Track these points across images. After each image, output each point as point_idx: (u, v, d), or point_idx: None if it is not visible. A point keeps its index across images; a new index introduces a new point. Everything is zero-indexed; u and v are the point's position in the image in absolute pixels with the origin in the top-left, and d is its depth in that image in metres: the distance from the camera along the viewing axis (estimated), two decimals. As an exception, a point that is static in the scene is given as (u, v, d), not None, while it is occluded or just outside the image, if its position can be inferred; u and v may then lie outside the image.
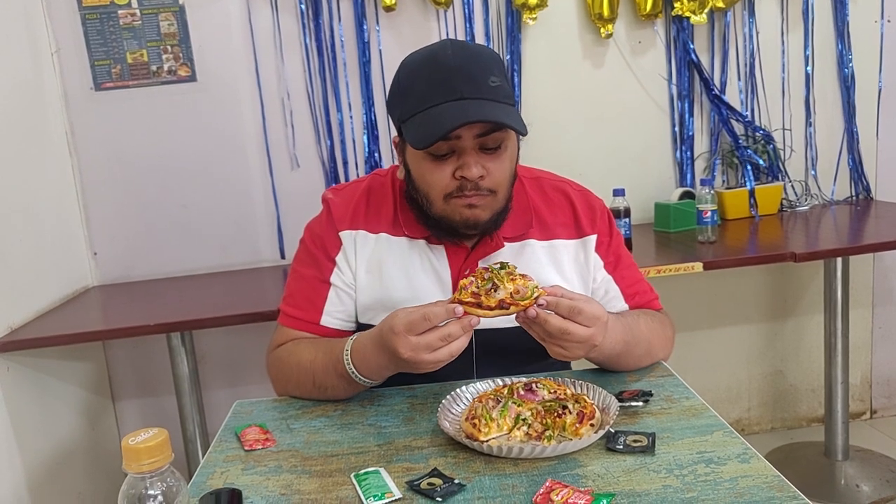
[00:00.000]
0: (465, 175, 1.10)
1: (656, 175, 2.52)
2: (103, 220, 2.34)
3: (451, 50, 1.10)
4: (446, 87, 1.08)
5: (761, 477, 0.84)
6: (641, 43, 2.44)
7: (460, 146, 1.10)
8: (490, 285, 0.98)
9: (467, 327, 0.97)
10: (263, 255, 2.41)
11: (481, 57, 1.13)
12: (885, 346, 2.76)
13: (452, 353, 0.97)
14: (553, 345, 1.00)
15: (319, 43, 2.31)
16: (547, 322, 0.98)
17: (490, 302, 0.97)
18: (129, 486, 0.62)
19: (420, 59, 1.14)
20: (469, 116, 1.05)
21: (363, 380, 1.10)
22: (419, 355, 0.97)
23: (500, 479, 0.88)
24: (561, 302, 0.98)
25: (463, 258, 1.22)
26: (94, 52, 2.24)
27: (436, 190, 1.14)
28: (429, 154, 1.12)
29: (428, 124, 1.07)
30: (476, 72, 1.09)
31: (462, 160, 1.11)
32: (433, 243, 1.23)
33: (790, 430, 2.76)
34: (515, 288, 0.98)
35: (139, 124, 2.29)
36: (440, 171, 1.12)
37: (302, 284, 1.26)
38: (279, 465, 0.97)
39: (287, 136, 2.36)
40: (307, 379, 1.16)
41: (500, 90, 1.10)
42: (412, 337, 0.97)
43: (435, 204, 1.15)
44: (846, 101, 2.53)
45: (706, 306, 2.63)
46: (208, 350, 2.44)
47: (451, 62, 1.09)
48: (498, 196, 1.15)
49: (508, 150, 1.15)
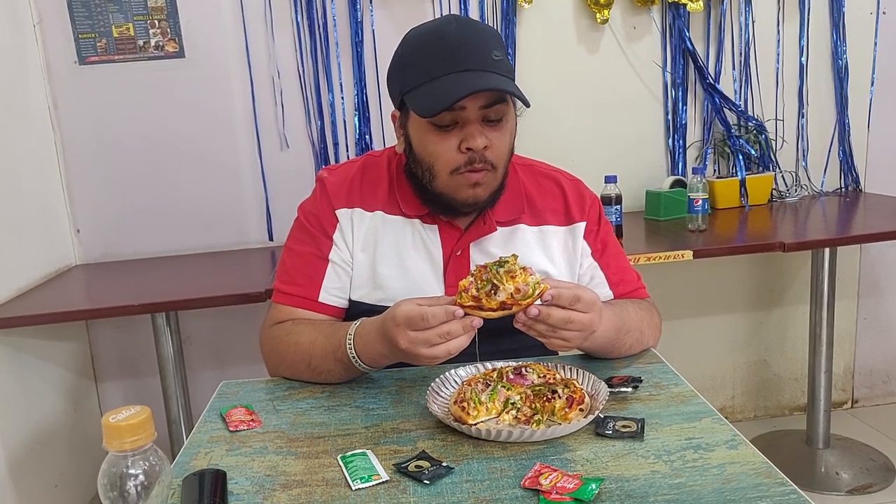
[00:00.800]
0: (470, 146, 1.11)
1: (648, 163, 2.51)
2: (87, 197, 2.30)
3: (455, 25, 1.12)
4: (451, 60, 1.09)
5: (749, 463, 0.84)
6: (637, 29, 2.42)
7: (464, 117, 1.11)
8: (489, 287, 0.96)
9: (468, 327, 0.96)
10: (251, 237, 2.38)
11: (484, 32, 1.15)
12: (868, 336, 2.78)
13: (450, 352, 0.97)
14: (554, 337, 1.00)
15: (311, 21, 2.28)
16: (550, 316, 0.97)
17: (491, 304, 0.96)
18: (110, 465, 0.60)
19: (424, 32, 1.15)
20: (477, 86, 1.07)
21: (363, 366, 1.09)
22: (416, 349, 0.97)
23: (488, 462, 0.88)
24: (563, 293, 0.98)
25: (456, 239, 1.23)
26: (79, 24, 2.20)
27: (441, 162, 1.14)
28: (432, 125, 1.12)
29: (434, 94, 1.08)
30: (480, 46, 1.11)
31: (466, 131, 1.12)
32: (427, 223, 1.23)
33: (773, 418, 2.78)
34: (516, 287, 0.96)
35: (125, 100, 2.25)
36: (445, 142, 1.13)
37: (298, 261, 1.25)
38: (265, 447, 0.96)
39: (277, 115, 2.33)
40: (303, 360, 1.15)
41: (502, 64, 1.12)
42: (410, 331, 0.97)
43: (439, 177, 1.15)
44: (839, 92, 2.53)
45: (694, 295, 2.64)
46: (194, 331, 2.42)
47: (455, 36, 1.11)
48: (497, 172, 1.17)
49: (509, 123, 1.16)
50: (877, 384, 2.83)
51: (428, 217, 1.23)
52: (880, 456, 2.41)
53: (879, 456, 2.41)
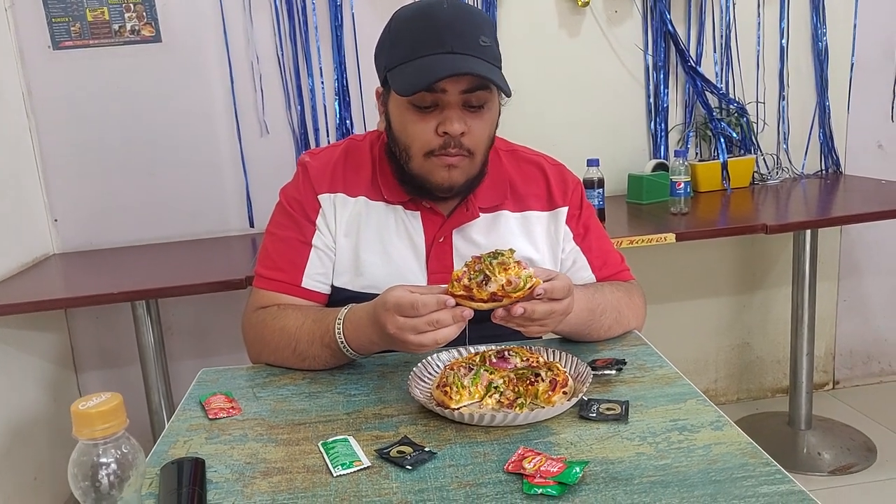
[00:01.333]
0: (447, 130, 1.10)
1: (630, 146, 2.51)
2: (64, 185, 2.26)
3: (446, 5, 1.11)
4: (437, 40, 1.08)
5: (734, 444, 0.84)
6: (618, 12, 2.41)
7: (445, 100, 1.10)
8: (482, 277, 0.95)
9: (458, 317, 0.95)
10: (231, 224, 2.36)
11: (474, 16, 1.14)
12: (849, 318, 2.80)
13: (438, 341, 0.95)
14: (534, 327, 0.99)
15: (290, 5, 2.24)
16: (535, 312, 0.96)
17: (482, 295, 0.95)
18: (81, 454, 0.58)
19: (413, 10, 1.14)
20: (458, 68, 1.06)
21: (350, 352, 1.08)
22: (404, 335, 0.96)
23: (471, 446, 0.87)
24: (556, 287, 0.97)
25: (438, 225, 1.22)
26: (52, 8, 2.15)
27: (417, 143, 1.13)
28: (412, 105, 1.11)
29: (415, 73, 1.07)
30: (468, 29, 1.09)
31: (445, 114, 1.11)
32: (409, 209, 1.22)
33: (755, 400, 2.81)
34: (507, 279, 0.95)
35: (101, 86, 2.21)
36: (423, 123, 1.12)
37: (281, 246, 1.23)
38: (244, 434, 0.94)
39: (256, 101, 2.29)
40: (288, 345, 1.13)
41: (489, 51, 1.11)
42: (399, 317, 0.96)
43: (414, 159, 1.14)
44: (819, 75, 2.54)
45: (676, 278, 2.65)
46: (174, 320, 2.39)
47: (444, 17, 1.09)
48: (475, 159, 1.15)
49: (490, 111, 1.15)
50: (857, 365, 2.86)
51: (411, 203, 1.22)
52: (861, 436, 2.44)
53: (860, 436, 2.44)
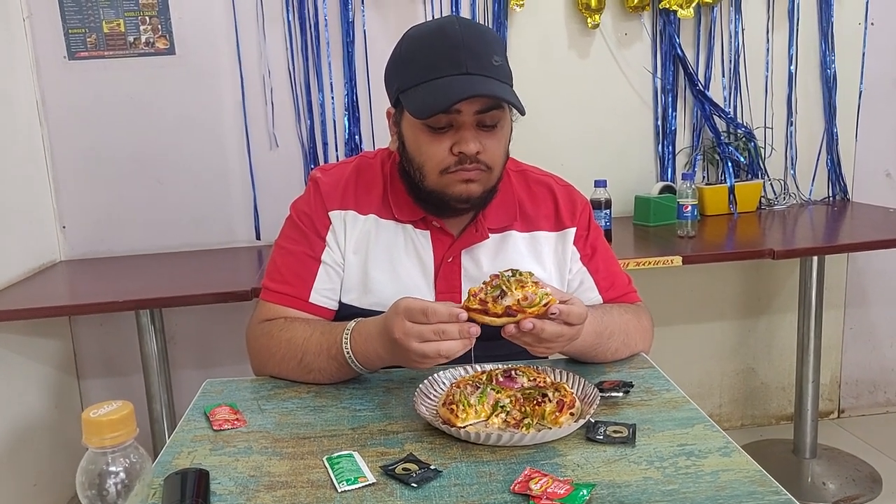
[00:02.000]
0: (462, 150, 1.10)
1: (637, 168, 2.51)
2: (73, 192, 2.27)
3: (458, 25, 1.11)
4: (452, 61, 1.08)
5: (743, 471, 0.83)
6: (628, 35, 2.43)
7: (459, 120, 1.10)
8: (498, 292, 0.96)
9: (465, 332, 0.94)
10: (238, 235, 2.36)
11: (486, 35, 1.14)
12: (855, 346, 2.79)
13: (441, 352, 0.94)
14: (540, 347, 0.99)
15: (303, 20, 2.26)
16: (543, 331, 0.95)
17: (497, 309, 0.95)
18: (89, 462, 0.58)
19: (426, 31, 1.14)
20: (476, 90, 1.06)
21: (357, 365, 1.07)
22: (409, 341, 0.95)
23: (477, 466, 0.86)
24: (572, 311, 0.97)
25: (447, 245, 1.22)
26: (69, 20, 2.17)
27: (431, 163, 1.13)
28: (427, 126, 1.11)
29: (431, 94, 1.07)
30: (481, 49, 1.10)
31: (460, 135, 1.11)
32: (419, 228, 1.22)
33: (760, 427, 2.79)
34: (524, 295, 0.95)
35: (114, 96, 2.23)
36: (437, 143, 1.12)
37: (290, 260, 1.23)
38: (249, 446, 0.94)
39: (266, 114, 2.31)
40: (294, 356, 1.13)
41: (502, 70, 1.12)
42: (408, 321, 0.96)
43: (429, 177, 1.14)
44: (827, 102, 2.54)
45: (682, 301, 2.64)
46: (178, 329, 2.39)
47: (458, 37, 1.09)
48: (493, 173, 1.16)
49: (504, 129, 1.16)
50: (863, 394, 2.84)
51: (421, 223, 1.22)
52: (866, 466, 2.41)
53: (865, 466, 2.41)
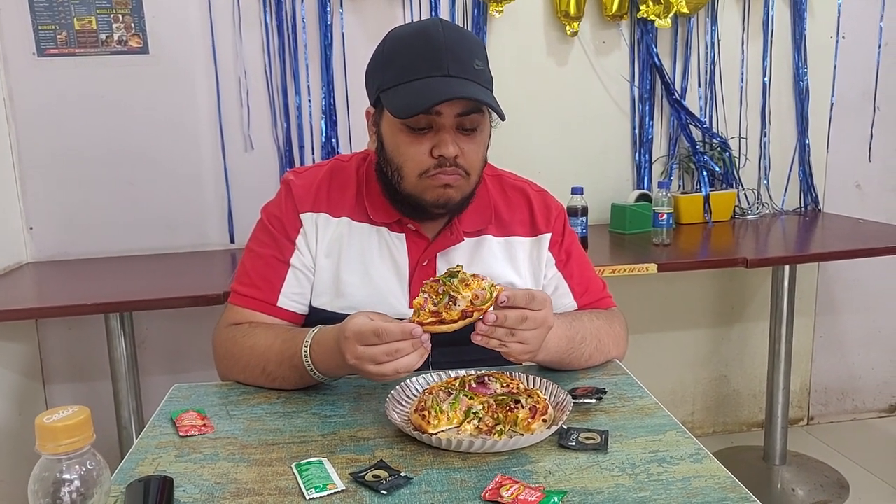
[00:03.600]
0: (442, 153, 1.10)
1: (614, 176, 2.52)
2: (41, 193, 2.22)
3: (441, 28, 1.11)
4: (434, 62, 1.08)
5: (714, 477, 0.83)
6: (606, 43, 2.44)
7: (439, 122, 1.10)
8: (447, 299, 0.95)
9: (417, 344, 0.93)
10: (212, 239, 2.33)
11: (468, 39, 1.14)
12: (824, 354, 2.82)
13: (398, 370, 0.93)
14: (513, 342, 0.97)
15: (280, 22, 2.24)
16: (506, 318, 0.95)
17: (452, 315, 0.94)
18: (43, 469, 0.56)
19: (409, 31, 1.14)
20: (457, 93, 1.06)
21: (317, 375, 1.06)
22: (364, 366, 0.94)
23: (448, 472, 0.85)
24: (516, 294, 0.96)
25: (423, 248, 1.21)
26: (39, 15, 2.13)
27: (410, 164, 1.12)
28: (406, 127, 1.11)
29: (412, 95, 1.07)
30: (463, 52, 1.10)
31: (439, 137, 1.10)
32: (394, 231, 1.21)
33: (731, 433, 2.81)
34: (474, 294, 0.95)
35: (84, 95, 2.19)
36: (417, 145, 1.11)
37: (259, 264, 1.21)
38: (216, 453, 0.92)
39: (242, 116, 2.28)
40: (257, 364, 1.11)
41: (483, 74, 1.12)
42: (359, 346, 0.94)
43: (407, 179, 1.14)
44: (800, 113, 2.58)
45: (656, 309, 2.65)
46: (148, 334, 2.34)
47: (441, 39, 1.09)
48: (471, 179, 1.15)
49: (483, 134, 1.15)
50: (831, 402, 2.87)
51: (396, 225, 1.21)
52: (834, 473, 2.44)
53: (834, 473, 2.44)
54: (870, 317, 2.81)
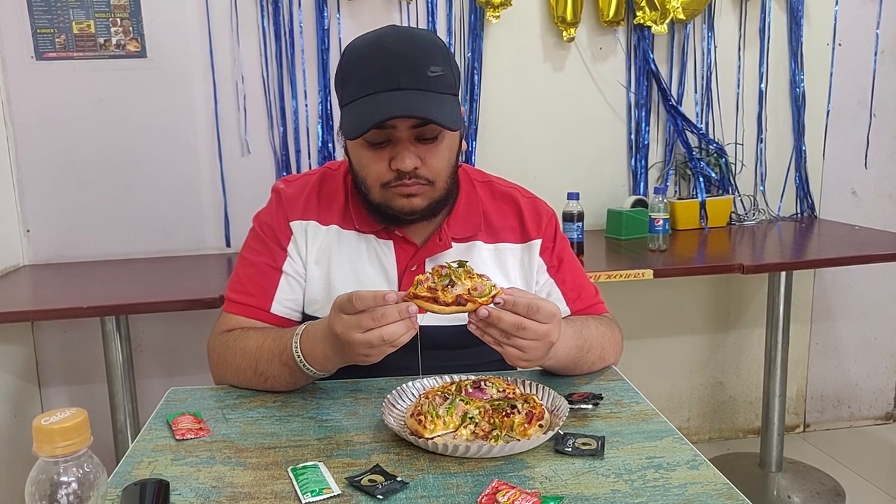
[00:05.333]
0: (398, 166, 1.10)
1: (610, 182, 2.53)
2: (38, 195, 2.22)
3: (392, 38, 1.10)
4: (384, 77, 1.07)
5: (710, 484, 0.83)
6: (602, 49, 2.45)
7: (395, 136, 1.10)
8: (447, 282, 0.95)
9: (404, 312, 0.92)
10: (208, 242, 2.33)
11: (424, 44, 1.12)
12: (820, 361, 2.83)
13: (384, 337, 0.92)
14: (509, 346, 0.96)
15: (277, 27, 2.24)
16: (500, 320, 0.94)
17: (447, 298, 0.94)
18: (40, 471, 0.56)
19: (362, 44, 1.13)
20: (399, 110, 1.05)
21: (308, 367, 1.05)
22: (350, 334, 0.93)
23: (444, 477, 0.85)
24: (518, 300, 0.95)
25: (411, 255, 1.21)
26: (37, 19, 2.13)
27: (371, 177, 1.13)
28: (366, 142, 1.11)
29: (360, 114, 1.07)
30: (417, 61, 1.08)
31: (396, 150, 1.10)
32: (382, 238, 1.22)
33: (727, 440, 2.81)
34: (473, 285, 0.95)
35: (82, 98, 2.19)
36: (376, 158, 1.12)
37: (252, 271, 1.22)
38: (212, 456, 0.92)
39: (239, 120, 2.28)
40: (249, 365, 1.11)
41: (440, 80, 1.09)
42: (344, 315, 0.94)
43: (372, 191, 1.15)
44: (796, 120, 2.59)
45: (652, 315, 2.66)
46: (144, 337, 2.34)
47: (393, 50, 1.08)
48: (436, 186, 1.15)
49: (446, 140, 1.14)
50: (827, 409, 2.87)
51: (383, 232, 1.21)
52: (831, 480, 2.44)
53: (830, 480, 2.44)
54: (866, 324, 2.82)
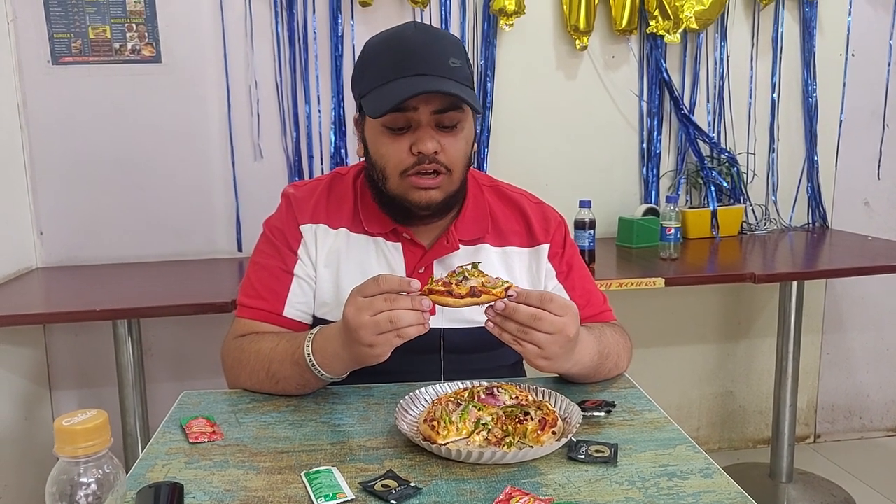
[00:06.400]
0: (420, 149, 1.11)
1: (621, 190, 2.53)
2: (52, 198, 2.24)
3: (413, 30, 1.13)
4: (406, 64, 1.10)
5: (724, 493, 0.82)
6: (615, 58, 2.45)
7: (416, 120, 1.11)
8: (461, 278, 0.98)
9: (417, 304, 0.93)
10: (220, 246, 2.34)
11: (444, 39, 1.15)
12: (831, 372, 2.81)
13: (392, 319, 0.92)
14: (527, 343, 0.96)
15: (292, 33, 2.26)
16: (517, 311, 0.95)
17: (461, 290, 0.96)
18: (61, 472, 0.56)
19: (383, 37, 1.16)
20: (426, 87, 1.07)
21: (318, 369, 1.05)
22: (361, 315, 0.94)
23: (457, 483, 0.85)
24: (531, 292, 0.97)
25: (419, 257, 1.22)
26: (54, 24, 2.15)
27: (391, 164, 1.14)
28: (386, 128, 1.13)
29: (385, 96, 1.09)
30: (437, 52, 1.11)
31: (418, 134, 1.12)
32: (391, 240, 1.22)
33: (737, 450, 2.79)
34: (486, 280, 0.98)
35: (97, 102, 2.21)
36: (396, 144, 1.13)
37: (264, 275, 1.23)
38: (225, 460, 0.92)
39: (252, 125, 2.29)
40: (261, 367, 1.12)
41: (460, 71, 1.12)
42: (359, 297, 0.95)
43: (390, 179, 1.15)
44: (808, 130, 2.58)
45: (663, 323, 2.65)
46: (155, 341, 2.35)
47: (413, 42, 1.11)
48: (453, 176, 1.16)
49: (465, 131, 1.16)
50: (838, 420, 2.85)
51: (392, 234, 1.22)
52: (841, 492, 2.42)
53: (841, 492, 2.42)
54: (878, 334, 2.80)
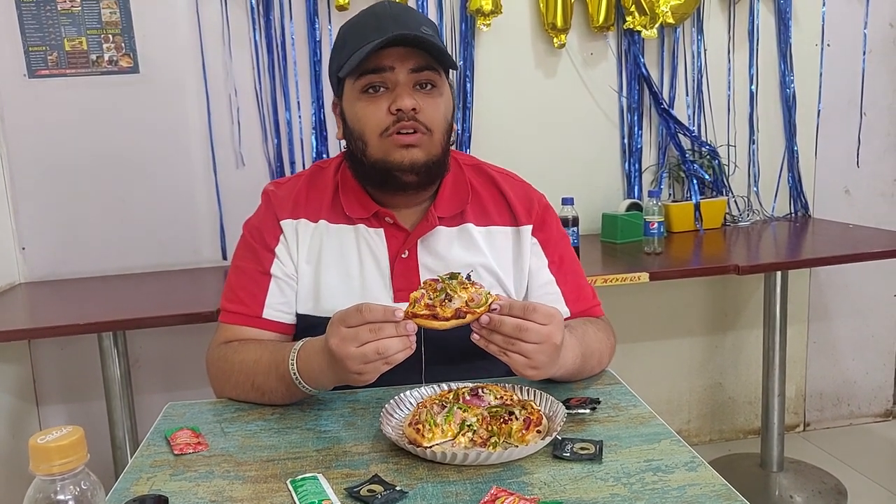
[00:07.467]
0: (399, 106, 1.12)
1: (604, 186, 2.54)
2: (33, 212, 2.22)
3: (386, 5, 1.17)
4: (380, 27, 1.12)
5: (709, 485, 0.83)
6: (593, 55, 2.46)
7: (393, 80, 1.13)
8: (443, 296, 0.95)
9: (402, 330, 0.92)
10: (204, 255, 2.33)
11: (415, 12, 1.21)
12: (818, 360, 2.83)
13: (379, 350, 0.91)
14: (513, 352, 0.95)
15: (269, 39, 2.25)
16: (502, 323, 0.94)
17: (446, 312, 0.94)
18: (37, 490, 0.56)
19: (356, 16, 1.19)
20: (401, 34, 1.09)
21: (303, 384, 1.05)
22: (346, 347, 0.92)
23: (443, 486, 0.85)
24: (514, 303, 0.96)
25: (402, 240, 1.21)
26: (29, 37, 2.14)
27: (370, 125, 1.14)
28: (363, 93, 1.14)
29: (361, 55, 1.11)
30: (409, 20, 1.14)
31: (396, 92, 1.13)
32: (372, 226, 1.22)
33: (728, 441, 2.81)
34: (469, 296, 0.96)
35: (76, 114, 2.19)
36: (374, 105, 1.14)
37: (242, 279, 1.23)
38: (211, 471, 0.91)
39: (233, 133, 2.29)
40: (247, 379, 1.11)
41: (432, 38, 1.14)
42: (343, 328, 0.93)
43: (370, 143, 1.15)
44: (787, 120, 2.60)
45: (649, 318, 2.66)
46: (143, 352, 2.34)
47: (386, 12, 1.15)
48: (433, 137, 1.16)
49: (444, 95, 1.18)
50: (827, 407, 2.88)
51: (373, 220, 1.21)
52: (832, 479, 2.44)
53: (831, 479, 2.44)
54: (862, 322, 2.83)
